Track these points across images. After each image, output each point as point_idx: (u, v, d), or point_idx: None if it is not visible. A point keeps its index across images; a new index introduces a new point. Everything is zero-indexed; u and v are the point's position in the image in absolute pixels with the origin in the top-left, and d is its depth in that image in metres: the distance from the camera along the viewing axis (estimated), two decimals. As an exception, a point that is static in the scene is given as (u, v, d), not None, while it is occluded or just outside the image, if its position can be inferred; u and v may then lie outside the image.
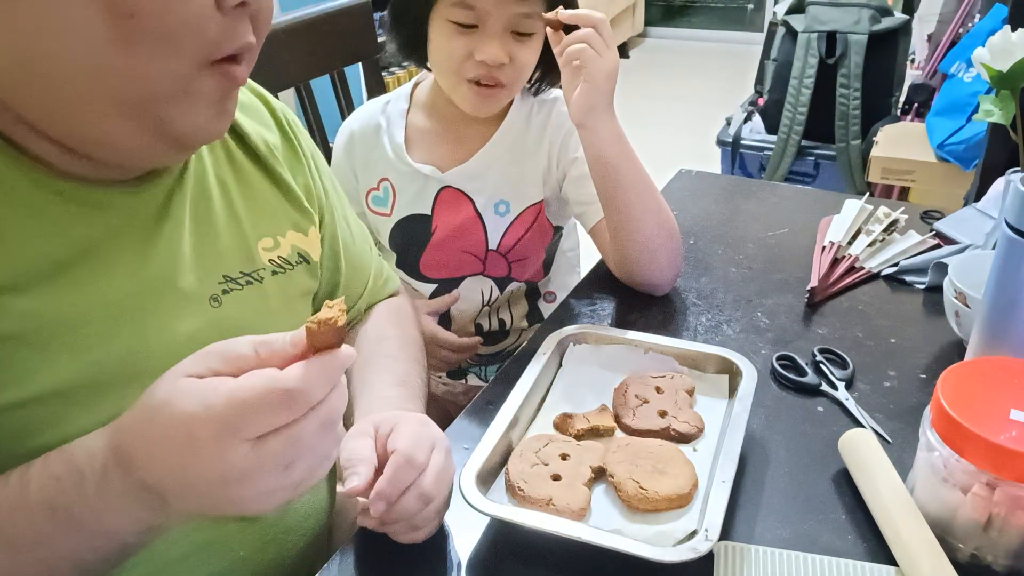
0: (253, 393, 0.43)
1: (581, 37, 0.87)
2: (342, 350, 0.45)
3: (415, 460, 0.62)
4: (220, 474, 0.44)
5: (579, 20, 0.87)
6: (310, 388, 0.44)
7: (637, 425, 0.75)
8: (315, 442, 0.45)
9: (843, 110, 2.73)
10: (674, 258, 0.99)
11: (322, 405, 0.45)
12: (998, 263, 0.71)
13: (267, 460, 0.44)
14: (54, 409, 0.54)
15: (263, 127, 0.74)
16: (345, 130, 1.12)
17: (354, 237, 0.87)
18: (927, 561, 0.60)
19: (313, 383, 0.44)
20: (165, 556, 0.63)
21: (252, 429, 0.43)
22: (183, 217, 0.63)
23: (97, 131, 0.52)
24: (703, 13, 5.66)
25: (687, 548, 0.60)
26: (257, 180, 0.72)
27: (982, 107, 0.94)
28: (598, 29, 0.87)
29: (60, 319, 0.54)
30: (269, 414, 0.43)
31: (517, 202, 1.07)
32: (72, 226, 0.56)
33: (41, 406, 0.54)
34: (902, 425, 0.78)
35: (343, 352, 0.45)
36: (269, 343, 0.46)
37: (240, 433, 0.43)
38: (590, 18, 0.87)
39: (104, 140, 0.53)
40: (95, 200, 0.57)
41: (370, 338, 0.86)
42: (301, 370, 0.44)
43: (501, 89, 0.98)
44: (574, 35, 0.88)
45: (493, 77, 0.96)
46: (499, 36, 0.94)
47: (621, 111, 0.92)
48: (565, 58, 0.88)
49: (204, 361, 0.45)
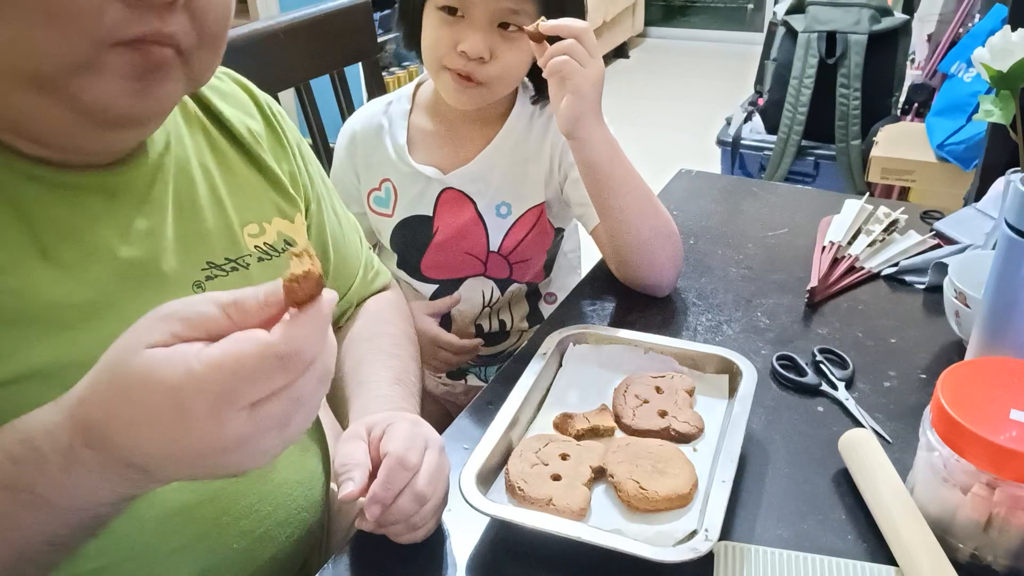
0: (247, 360, 0.41)
1: (563, 49, 0.86)
2: (323, 298, 0.43)
3: (408, 462, 0.63)
4: (218, 444, 0.42)
5: (561, 31, 0.86)
6: (305, 348, 0.42)
7: (637, 425, 0.75)
8: (312, 398, 0.44)
9: (843, 110, 2.73)
10: (673, 259, 0.99)
11: (317, 361, 0.43)
12: (998, 263, 0.71)
13: (266, 423, 0.43)
14: (37, 390, 0.53)
15: (246, 115, 0.75)
16: (347, 130, 1.12)
17: (343, 228, 0.88)
18: (927, 561, 0.60)
19: (306, 343, 0.42)
20: (159, 550, 0.63)
21: (250, 396, 0.42)
22: (166, 202, 0.64)
23: (12, 108, 0.53)
24: (703, 13, 5.65)
25: (687, 548, 0.60)
26: (240, 167, 0.73)
27: (982, 107, 0.94)
28: (581, 39, 0.86)
29: (42, 300, 0.55)
30: (266, 380, 0.42)
31: (519, 204, 1.07)
32: (49, 209, 0.57)
33: (24, 386, 0.54)
34: (902, 425, 0.78)
35: (325, 300, 0.43)
36: (240, 304, 0.43)
37: (238, 402, 0.41)
38: (571, 28, 0.86)
39: (23, 117, 0.54)
40: (71, 183, 0.58)
41: (364, 335, 0.86)
42: (292, 331, 0.42)
43: (478, 86, 0.97)
44: (556, 47, 0.86)
45: (469, 71, 0.95)
46: (483, 28, 0.93)
47: (621, 111, 0.93)
48: (548, 70, 0.87)
49: (164, 326, 0.43)
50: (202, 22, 0.55)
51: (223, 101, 0.73)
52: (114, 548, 0.61)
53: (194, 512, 0.65)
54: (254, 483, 0.69)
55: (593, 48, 0.87)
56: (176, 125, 0.68)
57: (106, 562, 0.61)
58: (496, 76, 0.96)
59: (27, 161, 0.56)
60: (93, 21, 0.49)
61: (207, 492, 0.66)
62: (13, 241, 0.55)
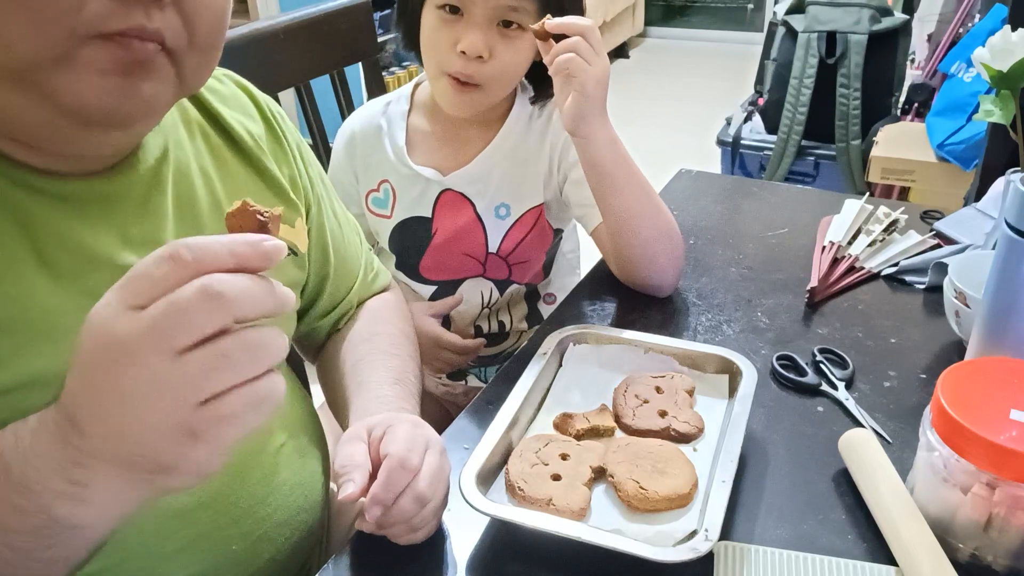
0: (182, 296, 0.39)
1: (569, 46, 0.86)
2: None
3: (409, 463, 0.63)
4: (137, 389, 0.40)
5: (566, 28, 0.86)
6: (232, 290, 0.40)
7: (637, 425, 0.75)
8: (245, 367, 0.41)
9: (843, 110, 2.73)
10: (675, 260, 0.99)
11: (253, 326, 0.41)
12: (998, 263, 0.71)
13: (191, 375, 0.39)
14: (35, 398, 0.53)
15: (246, 117, 0.75)
16: (345, 131, 1.12)
17: (343, 229, 0.87)
18: (927, 561, 0.60)
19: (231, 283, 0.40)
20: (158, 551, 0.63)
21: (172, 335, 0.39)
22: (165, 207, 0.64)
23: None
24: (703, 13, 5.65)
25: (687, 548, 0.60)
26: (240, 171, 0.72)
27: (982, 107, 0.94)
28: (586, 36, 0.86)
29: (40, 308, 0.55)
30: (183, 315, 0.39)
31: (517, 205, 1.07)
32: (47, 217, 0.56)
33: (22, 394, 0.54)
34: (902, 425, 0.78)
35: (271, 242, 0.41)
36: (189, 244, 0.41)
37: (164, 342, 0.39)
38: (577, 26, 0.86)
39: (4, 117, 0.53)
40: (68, 192, 0.57)
41: (363, 336, 0.86)
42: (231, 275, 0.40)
43: (477, 90, 0.96)
44: (562, 44, 0.86)
45: (470, 75, 0.95)
46: (483, 26, 0.93)
47: (621, 111, 0.93)
48: (554, 68, 0.87)
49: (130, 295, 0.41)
50: (194, 24, 0.54)
51: (223, 104, 0.73)
52: (113, 550, 0.61)
53: (193, 514, 0.65)
54: (253, 485, 0.69)
55: (599, 45, 0.87)
56: (175, 130, 0.67)
57: (105, 564, 0.61)
58: (494, 76, 0.96)
59: (23, 169, 0.55)
60: (72, 13, 0.48)
61: (206, 494, 0.66)
62: (11, 249, 0.55)
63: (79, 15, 0.48)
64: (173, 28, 0.53)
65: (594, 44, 0.86)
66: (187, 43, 0.54)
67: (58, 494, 0.45)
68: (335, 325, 0.88)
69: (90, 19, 0.49)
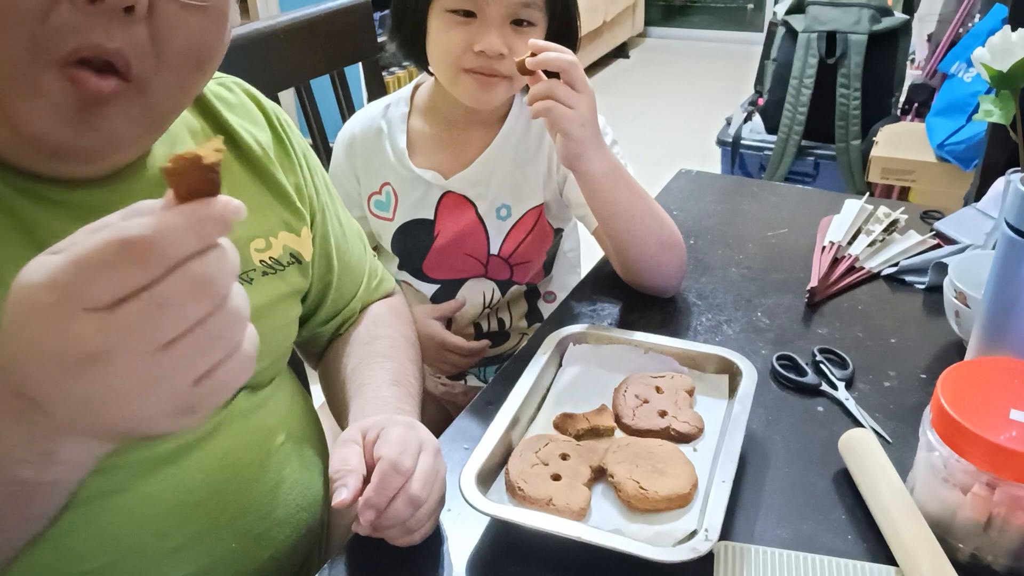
0: (90, 248, 0.35)
1: (544, 92, 0.84)
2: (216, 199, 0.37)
3: (401, 466, 0.62)
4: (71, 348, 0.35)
5: (547, 65, 0.84)
6: (161, 237, 0.35)
7: (637, 425, 0.75)
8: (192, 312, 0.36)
9: (843, 110, 2.73)
10: (678, 267, 0.99)
11: (192, 263, 0.36)
12: (998, 263, 0.71)
13: (126, 333, 0.35)
14: None
15: (254, 126, 0.74)
16: (346, 133, 1.12)
17: (347, 236, 0.87)
18: (927, 561, 0.60)
19: (166, 231, 0.35)
20: (157, 549, 0.63)
21: (93, 291, 0.35)
22: None
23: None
24: (703, 13, 5.66)
25: (687, 548, 0.60)
26: (247, 181, 0.72)
27: (982, 107, 0.94)
28: (567, 73, 0.84)
29: None
30: (110, 272, 0.35)
31: (518, 206, 1.07)
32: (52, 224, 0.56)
33: None
34: (902, 425, 0.78)
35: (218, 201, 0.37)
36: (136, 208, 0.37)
37: (81, 296, 0.35)
38: (558, 62, 0.83)
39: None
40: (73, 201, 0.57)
41: (364, 339, 0.86)
42: (151, 219, 0.35)
43: (502, 80, 0.96)
44: (537, 90, 0.84)
45: (493, 68, 0.94)
46: (498, 26, 0.93)
47: (622, 111, 0.93)
48: (533, 113, 0.85)
49: None
50: (164, 44, 0.52)
51: (231, 112, 0.72)
52: (112, 548, 0.61)
53: (192, 512, 0.65)
54: (252, 482, 0.69)
55: (581, 83, 0.85)
56: (182, 138, 0.67)
57: (104, 562, 0.61)
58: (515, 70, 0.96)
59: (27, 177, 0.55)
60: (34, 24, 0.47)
61: (205, 491, 0.66)
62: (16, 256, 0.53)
63: (42, 27, 0.47)
64: (138, 46, 0.51)
65: (575, 82, 0.84)
66: (154, 63, 0.53)
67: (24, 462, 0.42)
68: (337, 331, 0.88)
69: (53, 30, 0.48)
